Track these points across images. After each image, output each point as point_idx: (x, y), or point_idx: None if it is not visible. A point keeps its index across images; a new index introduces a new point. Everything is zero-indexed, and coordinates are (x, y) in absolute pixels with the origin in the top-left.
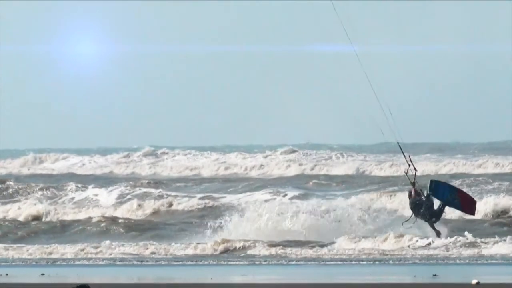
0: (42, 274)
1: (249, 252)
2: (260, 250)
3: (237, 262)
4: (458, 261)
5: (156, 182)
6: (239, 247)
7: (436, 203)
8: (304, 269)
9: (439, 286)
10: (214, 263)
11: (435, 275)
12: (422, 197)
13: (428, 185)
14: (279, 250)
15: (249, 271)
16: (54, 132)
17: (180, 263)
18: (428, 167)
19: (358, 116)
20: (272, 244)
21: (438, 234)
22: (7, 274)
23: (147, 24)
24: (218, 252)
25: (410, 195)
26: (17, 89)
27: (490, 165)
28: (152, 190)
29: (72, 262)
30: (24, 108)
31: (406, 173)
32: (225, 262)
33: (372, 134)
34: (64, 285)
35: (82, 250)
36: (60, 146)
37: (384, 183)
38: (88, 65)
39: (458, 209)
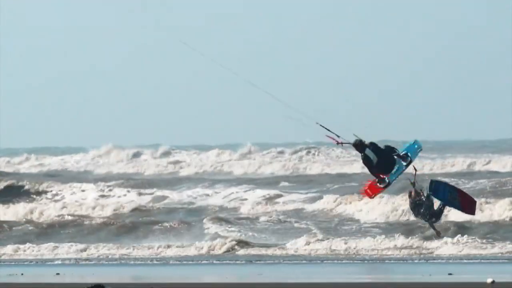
0: (57, 274)
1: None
2: (246, 251)
3: (238, 262)
4: (473, 260)
5: (139, 181)
6: (229, 247)
7: (436, 203)
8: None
9: (454, 285)
10: (207, 262)
11: (450, 273)
12: (422, 197)
13: (428, 185)
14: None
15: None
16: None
17: (179, 263)
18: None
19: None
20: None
21: (438, 234)
22: (22, 274)
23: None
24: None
25: (410, 195)
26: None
27: (460, 164)
28: (130, 189)
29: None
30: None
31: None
32: (219, 262)
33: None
34: (79, 284)
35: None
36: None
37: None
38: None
39: (458, 209)
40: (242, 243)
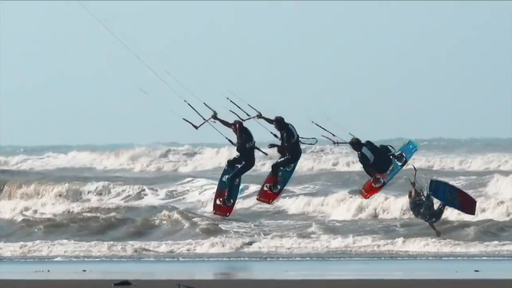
0: (84, 271)
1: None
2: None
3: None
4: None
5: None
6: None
7: (436, 203)
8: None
9: (481, 282)
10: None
11: (476, 270)
12: (422, 197)
13: (428, 185)
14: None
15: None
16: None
17: (190, 259)
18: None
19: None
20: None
21: (438, 234)
22: (48, 271)
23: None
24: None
25: (410, 195)
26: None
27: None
28: (128, 187)
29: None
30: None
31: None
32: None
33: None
34: (105, 281)
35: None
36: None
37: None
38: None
39: (458, 209)
40: (240, 240)
